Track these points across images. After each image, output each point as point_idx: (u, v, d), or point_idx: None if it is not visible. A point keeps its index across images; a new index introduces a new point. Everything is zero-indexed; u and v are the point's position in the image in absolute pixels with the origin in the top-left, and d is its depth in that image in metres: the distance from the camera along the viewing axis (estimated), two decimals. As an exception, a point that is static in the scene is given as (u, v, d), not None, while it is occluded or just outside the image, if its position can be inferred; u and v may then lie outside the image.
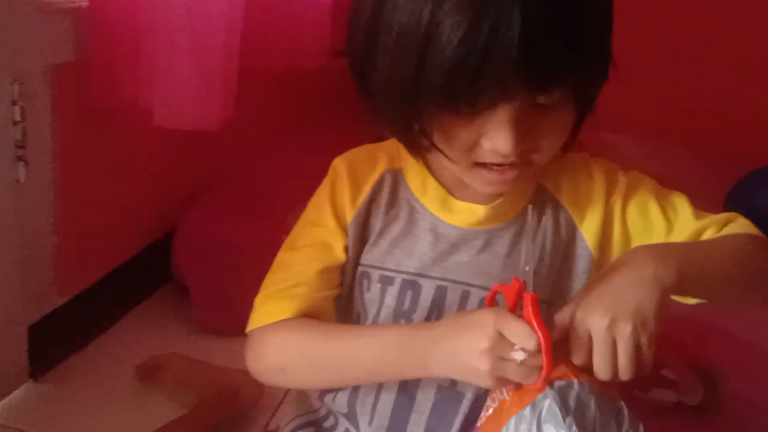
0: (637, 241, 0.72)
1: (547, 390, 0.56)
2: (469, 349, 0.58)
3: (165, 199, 1.31)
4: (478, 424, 0.62)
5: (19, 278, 1.00)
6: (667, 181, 2.09)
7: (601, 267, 0.71)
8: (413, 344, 0.63)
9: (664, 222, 0.71)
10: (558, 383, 0.56)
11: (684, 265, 0.61)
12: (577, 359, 0.58)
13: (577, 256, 0.72)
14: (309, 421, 0.78)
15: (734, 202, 1.70)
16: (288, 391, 0.90)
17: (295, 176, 1.19)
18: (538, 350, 0.55)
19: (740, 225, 0.71)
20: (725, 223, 0.71)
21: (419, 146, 0.65)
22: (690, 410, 1.13)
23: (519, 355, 0.56)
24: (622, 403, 0.57)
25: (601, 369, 0.57)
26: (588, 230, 0.72)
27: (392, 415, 0.71)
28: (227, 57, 1.12)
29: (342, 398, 0.75)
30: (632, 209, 0.72)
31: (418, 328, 0.65)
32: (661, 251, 0.63)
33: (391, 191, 0.73)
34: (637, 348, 0.57)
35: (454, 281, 0.70)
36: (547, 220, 0.72)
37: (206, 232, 1.27)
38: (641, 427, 0.57)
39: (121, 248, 1.23)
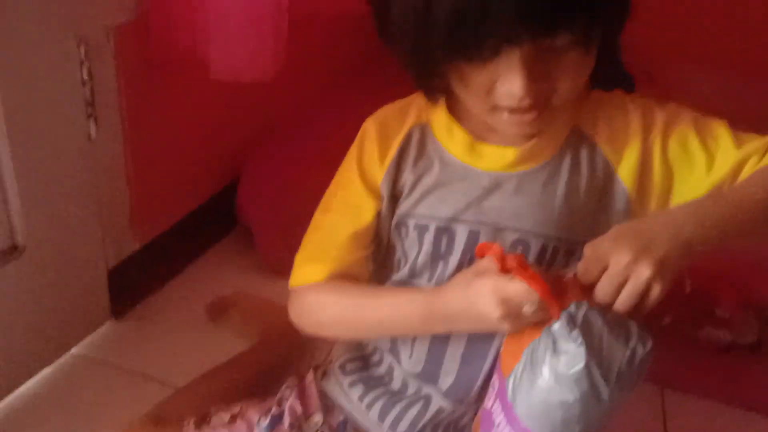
0: (679, 175, 0.71)
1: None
2: (486, 319, 0.63)
3: (229, 147, 1.37)
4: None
5: (97, 226, 1.09)
6: (740, 113, 2.00)
7: (640, 205, 0.72)
8: (434, 319, 0.69)
9: (704, 155, 0.70)
10: (569, 308, 0.59)
11: (722, 230, 0.61)
12: (586, 278, 0.60)
13: (615, 195, 0.72)
14: (358, 356, 0.84)
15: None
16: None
17: (350, 122, 1.22)
18: (542, 299, 0.59)
19: None
20: (767, 149, 0.69)
21: (436, 91, 0.68)
22: (744, 349, 1.13)
23: (529, 308, 0.60)
24: (632, 321, 0.59)
25: (601, 293, 0.59)
26: (624, 170, 0.72)
27: (430, 349, 0.76)
28: (277, 7, 1.15)
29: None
30: (672, 145, 0.71)
31: (435, 303, 0.69)
32: (702, 216, 0.62)
33: (419, 145, 0.75)
34: (643, 293, 0.58)
35: (487, 224, 0.72)
36: (583, 161, 0.72)
37: (267, 177, 1.33)
38: (649, 342, 0.59)
39: (190, 196, 1.30)
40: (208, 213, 1.33)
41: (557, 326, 0.59)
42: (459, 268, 0.73)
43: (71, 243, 1.05)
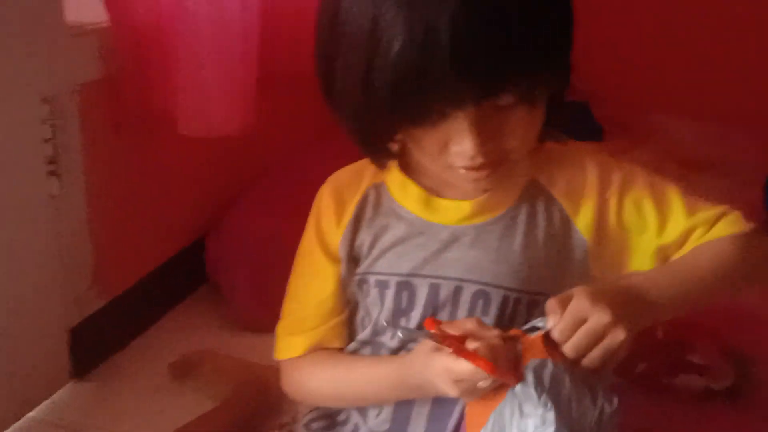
0: (631, 236, 0.73)
1: (525, 371, 0.58)
2: (447, 395, 0.65)
3: (197, 203, 1.36)
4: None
5: (59, 284, 1.07)
6: (711, 161, 2.03)
7: (597, 258, 0.73)
8: (407, 388, 0.71)
9: (657, 219, 0.72)
10: (532, 363, 0.58)
11: (677, 299, 0.66)
12: (563, 336, 0.60)
13: (574, 247, 0.73)
14: (323, 414, 0.82)
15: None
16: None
17: (321, 178, 1.22)
18: (490, 375, 0.59)
19: (728, 223, 0.72)
20: (716, 221, 0.72)
21: (384, 157, 0.69)
22: (719, 396, 1.12)
23: (483, 384, 0.61)
24: (596, 379, 0.59)
25: (574, 349, 0.59)
26: (582, 222, 0.73)
27: (396, 407, 0.75)
28: (246, 63, 1.17)
29: None
30: (627, 205, 0.72)
31: (404, 375, 0.70)
32: (662, 284, 0.66)
33: (375, 204, 0.76)
34: (608, 352, 0.59)
35: (446, 278, 0.72)
36: (540, 213, 0.73)
37: (238, 232, 1.32)
38: (615, 400, 0.58)
39: (156, 252, 1.29)
40: (175, 269, 1.32)
41: (522, 388, 0.58)
42: (421, 325, 0.72)
43: (31, 301, 1.03)
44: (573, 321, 0.59)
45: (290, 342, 0.79)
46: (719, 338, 1.15)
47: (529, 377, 0.57)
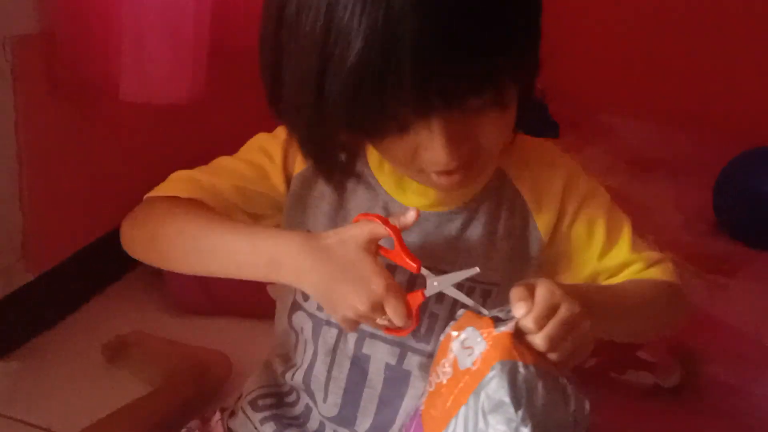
0: (575, 249, 0.72)
1: (491, 374, 0.53)
2: (344, 300, 0.59)
3: (141, 177, 1.29)
4: (421, 406, 0.61)
5: (-18, 254, 0.99)
6: (661, 162, 2.06)
7: (550, 257, 0.73)
8: (285, 266, 0.61)
9: (602, 244, 0.72)
10: (502, 365, 0.54)
11: (607, 317, 0.64)
12: (535, 323, 0.56)
13: (530, 241, 0.72)
14: (271, 392, 0.79)
15: (725, 181, 1.67)
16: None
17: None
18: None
19: (663, 270, 0.72)
20: (652, 264, 0.72)
21: (339, 172, 0.65)
22: (667, 392, 1.12)
23: (383, 322, 0.57)
24: (565, 380, 0.55)
25: (548, 339, 0.55)
26: (541, 220, 0.72)
27: (345, 391, 0.72)
28: (197, 30, 1.10)
29: (298, 376, 0.75)
30: (581, 219, 0.72)
31: (294, 254, 0.60)
32: (601, 300, 0.65)
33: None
34: (579, 345, 0.57)
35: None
36: (503, 204, 0.71)
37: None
38: (587, 404, 0.55)
39: (92, 226, 1.21)
40: (111, 246, 1.22)
41: (493, 394, 0.53)
42: None
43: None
44: (546, 309, 0.56)
45: (179, 185, 0.69)
46: (668, 336, 1.16)
47: (502, 382, 0.53)
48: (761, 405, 1.11)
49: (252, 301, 1.20)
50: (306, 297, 0.72)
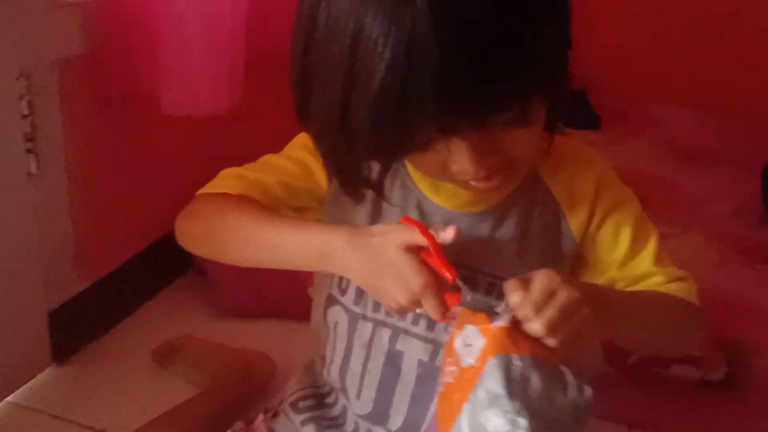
0: (598, 254, 0.72)
1: (487, 369, 0.54)
2: (386, 294, 0.61)
3: (186, 186, 1.33)
4: (434, 408, 0.62)
5: (39, 265, 1.04)
6: (708, 152, 2.02)
7: (582, 256, 0.73)
8: (333, 259, 0.63)
9: (625, 253, 0.72)
10: (497, 359, 0.54)
11: (618, 321, 0.65)
12: (532, 309, 0.56)
13: (563, 241, 0.72)
14: (312, 393, 0.80)
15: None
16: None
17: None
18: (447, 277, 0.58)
19: (684, 288, 0.72)
20: (674, 280, 0.71)
21: (363, 186, 0.66)
22: (714, 387, 1.10)
23: (418, 287, 0.59)
24: (564, 368, 0.56)
25: (545, 323, 0.55)
26: (574, 219, 0.72)
27: (379, 387, 0.73)
28: (233, 41, 1.14)
29: (334, 371, 0.77)
30: (609, 224, 0.72)
31: (341, 248, 0.63)
32: (615, 302, 0.66)
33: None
34: (580, 331, 0.57)
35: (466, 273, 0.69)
36: (536, 204, 0.71)
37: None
38: (587, 391, 0.55)
39: (141, 235, 1.26)
40: (159, 253, 1.29)
41: (490, 389, 0.54)
42: None
43: (9, 283, 1.00)
44: (543, 294, 0.56)
45: (229, 182, 0.72)
46: (713, 328, 1.13)
47: (497, 376, 0.54)
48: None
49: (297, 303, 1.23)
50: (343, 292, 0.74)
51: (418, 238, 0.59)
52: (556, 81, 0.59)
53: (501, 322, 0.56)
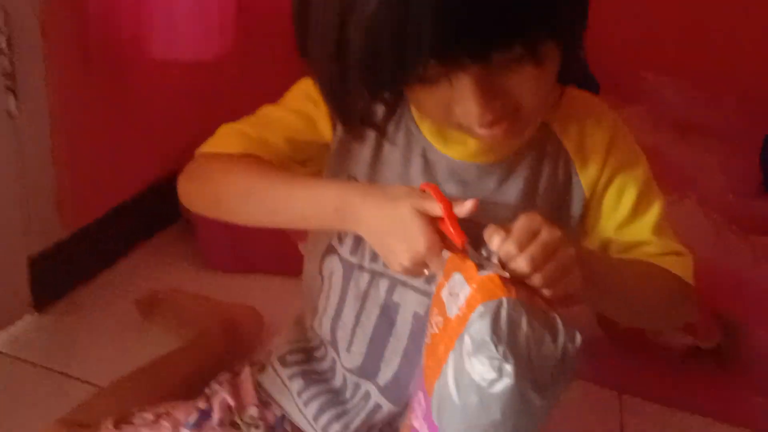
0: (600, 214, 0.70)
1: (474, 316, 0.52)
2: (394, 254, 0.58)
3: (175, 136, 1.29)
4: (422, 360, 0.60)
5: (18, 209, 1.00)
6: (706, 124, 1.99)
7: (591, 211, 0.70)
8: (348, 215, 0.61)
9: (625, 216, 0.69)
10: (485, 306, 0.52)
11: (604, 288, 0.63)
12: (515, 245, 0.54)
13: (573, 199, 0.70)
14: (301, 348, 0.79)
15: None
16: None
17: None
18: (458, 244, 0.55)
19: (680, 263, 0.69)
20: (670, 253, 0.69)
21: (361, 123, 0.63)
22: (706, 356, 1.09)
23: (430, 273, 0.57)
24: (555, 314, 0.53)
25: (529, 260, 0.54)
26: (585, 175, 0.69)
27: (371, 341, 0.71)
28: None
29: (326, 324, 0.75)
30: (615, 183, 0.69)
31: (357, 204, 0.60)
32: (603, 268, 0.65)
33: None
34: (565, 272, 0.55)
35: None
36: (547, 159, 0.69)
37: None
38: (578, 337, 0.52)
39: (127, 184, 1.22)
40: (147, 202, 1.25)
41: (475, 334, 0.51)
42: None
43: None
44: (525, 232, 0.54)
45: (230, 140, 0.70)
46: (710, 297, 1.12)
47: (483, 322, 0.51)
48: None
49: (282, 259, 1.20)
50: (340, 241, 0.71)
51: (436, 209, 0.56)
52: (569, 18, 0.56)
53: (490, 271, 0.54)
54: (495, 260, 0.55)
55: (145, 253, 1.26)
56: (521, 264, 0.54)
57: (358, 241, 0.70)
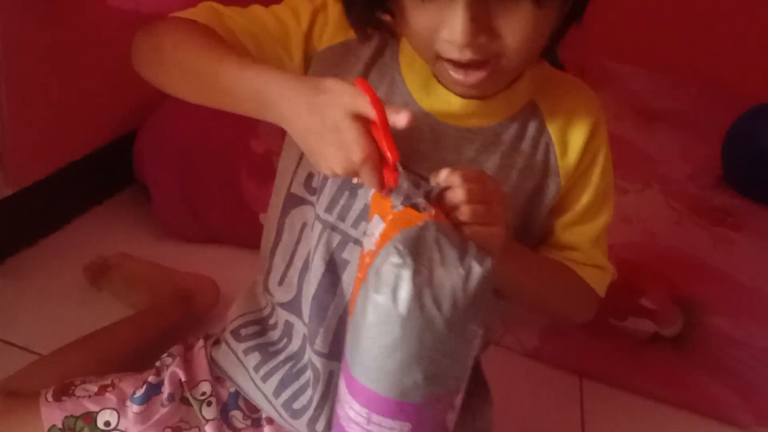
0: (560, 204, 0.70)
1: (385, 246, 0.51)
2: (324, 160, 0.55)
3: (130, 96, 1.23)
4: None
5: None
6: (669, 113, 2.01)
7: (562, 199, 0.70)
8: (270, 108, 0.57)
9: (576, 218, 0.70)
10: (402, 232, 0.51)
11: (519, 277, 0.65)
12: (464, 177, 0.55)
13: (548, 183, 0.68)
14: (254, 319, 0.76)
15: (734, 136, 1.62)
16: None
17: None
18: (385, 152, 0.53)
19: (598, 277, 0.72)
20: (594, 266, 0.72)
21: (369, 23, 0.62)
22: (666, 342, 1.09)
23: (357, 155, 0.54)
24: (471, 242, 0.53)
25: (465, 191, 0.54)
26: (564, 163, 0.68)
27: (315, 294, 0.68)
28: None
29: (274, 278, 0.73)
30: (583, 179, 0.69)
31: (276, 97, 0.57)
32: (525, 260, 0.67)
33: (376, 49, 0.67)
34: (492, 222, 0.55)
35: (409, 169, 0.63)
36: (527, 139, 0.67)
37: (171, 131, 1.20)
38: (488, 260, 0.51)
39: (79, 142, 1.15)
40: (98, 164, 1.19)
41: (383, 253, 0.50)
42: (366, 209, 0.65)
43: None
44: (475, 174, 0.55)
45: (198, 10, 0.67)
46: (671, 285, 1.12)
47: (395, 239, 0.50)
48: (760, 359, 1.08)
49: (241, 229, 1.16)
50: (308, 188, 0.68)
51: (369, 110, 0.53)
52: None
53: (401, 206, 0.53)
54: (421, 197, 0.53)
55: (96, 218, 1.20)
56: (459, 192, 0.54)
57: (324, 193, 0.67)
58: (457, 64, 0.58)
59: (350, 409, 0.53)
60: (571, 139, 0.67)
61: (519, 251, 0.65)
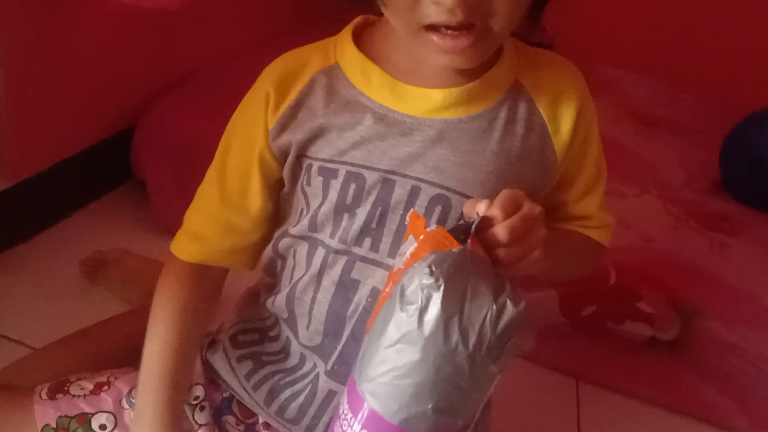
0: (564, 179, 0.70)
1: (416, 264, 0.50)
2: None
3: (128, 91, 1.22)
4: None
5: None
6: (667, 119, 2.02)
7: (565, 174, 0.69)
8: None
9: (582, 191, 0.71)
10: (436, 252, 0.50)
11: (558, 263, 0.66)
12: (501, 210, 0.54)
13: (546, 164, 0.66)
14: (254, 327, 0.74)
15: (732, 142, 1.63)
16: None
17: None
18: None
19: (606, 235, 0.74)
20: (603, 226, 0.73)
21: None
22: (663, 346, 1.09)
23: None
24: (507, 280, 0.51)
25: (509, 229, 0.53)
26: (557, 141, 0.66)
27: (327, 320, 0.66)
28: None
29: (280, 301, 0.70)
30: (578, 153, 0.68)
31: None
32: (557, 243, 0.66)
33: (326, 91, 0.64)
34: (530, 250, 0.55)
35: (404, 175, 0.62)
36: (520, 122, 0.64)
37: (169, 128, 1.19)
38: (522, 303, 0.50)
39: (76, 137, 1.15)
40: (96, 159, 1.18)
41: (413, 271, 0.49)
42: (367, 224, 0.63)
43: None
44: (511, 202, 0.54)
45: (187, 245, 0.72)
46: (668, 289, 1.12)
47: (427, 259, 0.49)
48: (755, 364, 1.08)
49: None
50: (318, 226, 0.67)
51: None
52: None
53: (434, 226, 0.52)
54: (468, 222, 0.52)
55: (94, 214, 1.19)
56: (501, 232, 0.52)
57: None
58: (444, 31, 0.56)
59: (348, 428, 0.52)
60: (562, 115, 0.65)
61: (552, 243, 0.62)
